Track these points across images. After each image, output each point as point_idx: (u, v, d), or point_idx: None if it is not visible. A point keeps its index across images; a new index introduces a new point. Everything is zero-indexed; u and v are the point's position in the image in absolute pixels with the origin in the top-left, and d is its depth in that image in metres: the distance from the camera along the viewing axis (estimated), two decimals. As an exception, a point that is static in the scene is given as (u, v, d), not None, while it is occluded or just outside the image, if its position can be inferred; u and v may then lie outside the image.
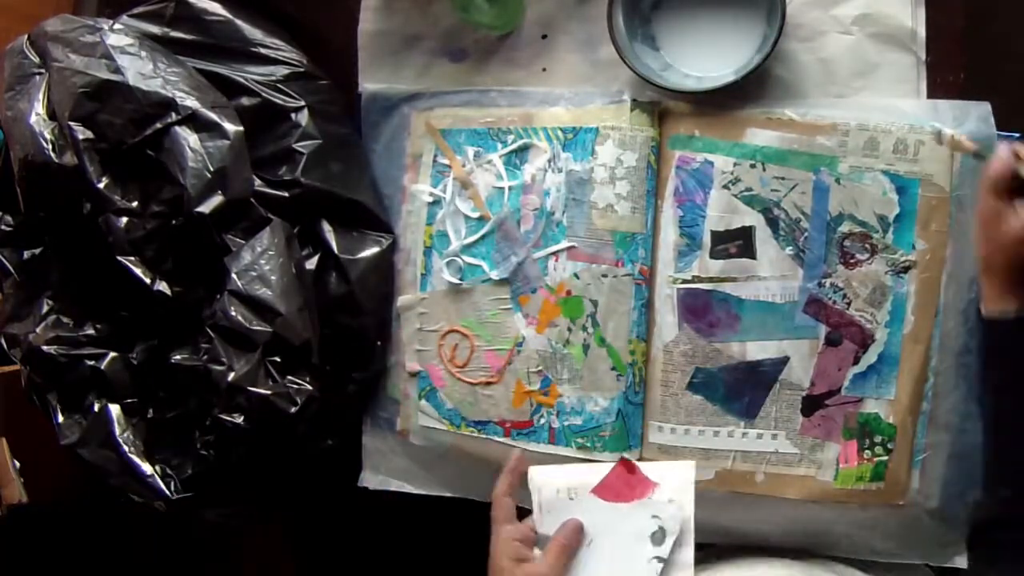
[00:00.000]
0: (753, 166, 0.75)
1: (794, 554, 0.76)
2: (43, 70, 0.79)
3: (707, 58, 0.78)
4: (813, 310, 0.75)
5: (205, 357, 0.76)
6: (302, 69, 0.82)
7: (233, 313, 0.75)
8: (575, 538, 0.66)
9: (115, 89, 0.75)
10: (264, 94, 0.80)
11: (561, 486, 0.69)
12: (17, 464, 0.98)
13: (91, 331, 0.84)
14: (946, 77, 0.74)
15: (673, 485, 0.67)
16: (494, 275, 0.81)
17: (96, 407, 0.83)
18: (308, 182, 0.79)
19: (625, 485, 0.68)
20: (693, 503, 0.66)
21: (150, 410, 0.84)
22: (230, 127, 0.76)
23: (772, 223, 0.75)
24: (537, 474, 0.70)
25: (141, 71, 0.76)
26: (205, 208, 0.74)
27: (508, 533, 0.65)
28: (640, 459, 0.79)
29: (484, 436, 0.82)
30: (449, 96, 0.85)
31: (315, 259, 0.82)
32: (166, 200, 0.76)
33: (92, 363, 0.83)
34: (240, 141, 0.76)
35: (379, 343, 0.85)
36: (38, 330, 0.83)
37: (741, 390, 0.76)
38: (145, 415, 0.84)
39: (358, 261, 0.82)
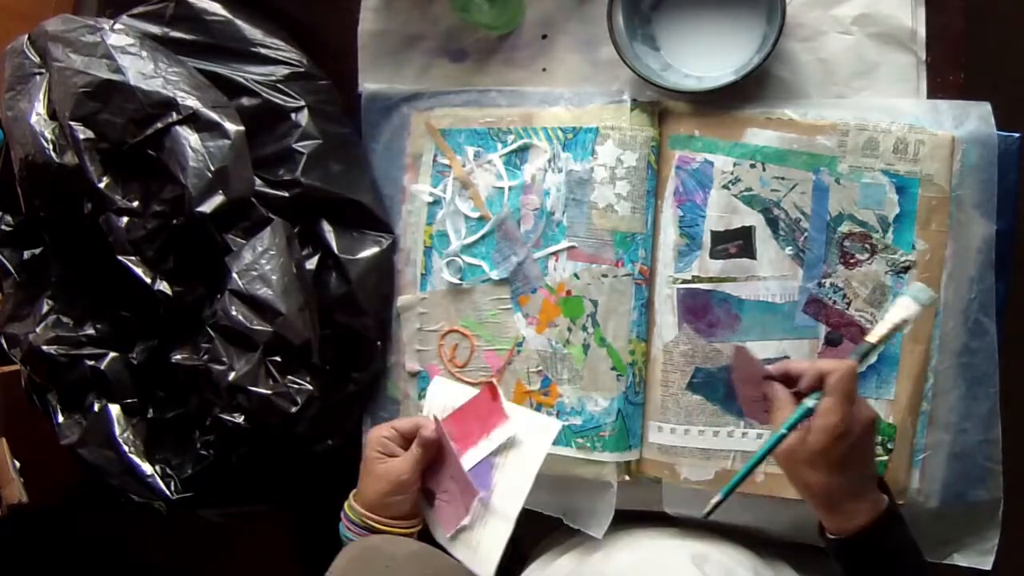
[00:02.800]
0: (753, 166, 0.75)
1: (704, 531, 0.76)
2: (44, 70, 0.79)
3: (707, 58, 0.78)
4: (813, 310, 0.75)
5: (206, 357, 0.76)
6: (302, 69, 0.82)
7: (234, 313, 0.75)
8: (432, 440, 0.69)
9: (116, 89, 0.75)
10: (264, 94, 0.80)
11: (447, 403, 0.74)
12: (17, 464, 0.98)
13: (91, 331, 0.84)
14: (946, 77, 0.74)
15: (527, 432, 0.70)
16: (494, 275, 0.81)
17: (96, 407, 0.83)
18: (308, 182, 0.79)
19: (485, 411, 0.72)
20: (540, 462, 0.69)
21: (150, 410, 0.84)
22: (231, 127, 0.76)
23: (772, 223, 0.75)
24: (434, 384, 0.77)
25: (142, 71, 0.76)
26: (206, 208, 0.74)
27: (379, 431, 0.70)
28: (640, 459, 0.79)
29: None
30: (449, 96, 0.85)
31: (315, 259, 0.82)
32: (167, 200, 0.76)
33: (92, 363, 0.83)
34: (241, 141, 0.76)
35: (379, 343, 0.85)
36: (38, 330, 0.83)
37: (741, 390, 0.76)
38: (145, 415, 0.84)
39: (358, 261, 0.82)
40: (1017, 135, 0.73)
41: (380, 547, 0.62)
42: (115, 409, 0.82)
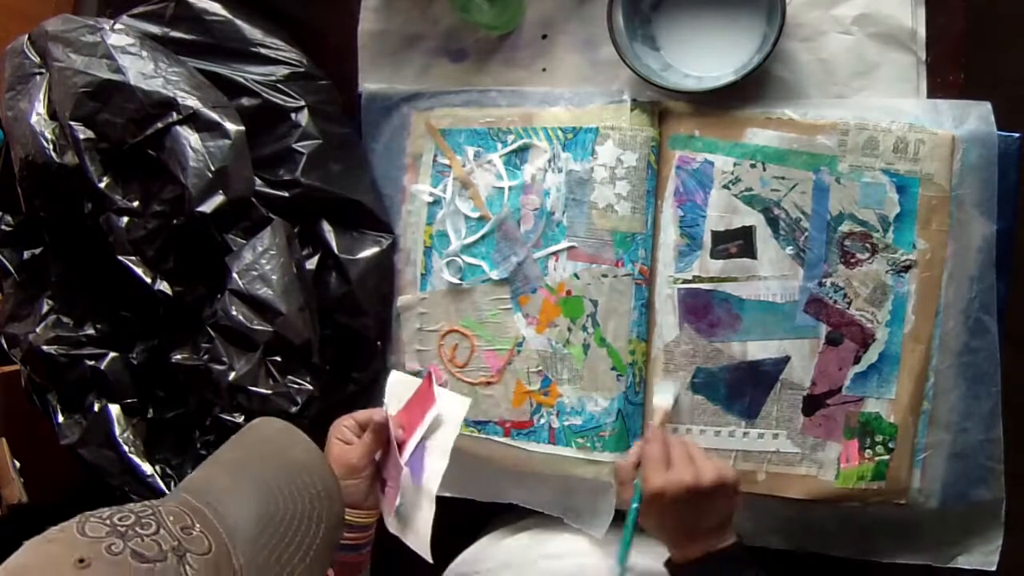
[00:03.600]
0: (753, 166, 0.75)
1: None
2: (44, 70, 0.79)
3: (707, 58, 0.78)
4: (814, 310, 0.75)
5: (206, 356, 0.76)
6: (302, 69, 0.82)
7: (234, 312, 0.75)
8: (381, 426, 0.71)
9: (116, 89, 0.75)
10: (264, 94, 0.80)
11: (404, 395, 0.76)
12: (17, 464, 0.98)
13: (91, 331, 0.84)
14: (946, 77, 0.74)
15: (447, 411, 0.73)
16: (494, 275, 0.81)
17: (96, 407, 0.83)
18: (308, 182, 0.79)
19: (423, 395, 0.74)
20: (452, 440, 0.71)
21: (150, 410, 0.84)
22: (231, 127, 0.76)
23: (772, 223, 0.75)
24: (391, 378, 0.78)
25: (142, 71, 0.76)
26: (206, 208, 0.74)
27: (339, 421, 0.72)
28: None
29: (484, 436, 0.82)
30: (449, 96, 0.85)
31: (315, 259, 0.82)
32: (167, 200, 0.76)
33: (92, 363, 0.83)
34: (241, 141, 0.76)
35: (379, 343, 0.85)
36: (38, 330, 0.83)
37: (742, 390, 0.76)
38: (145, 415, 0.84)
39: (358, 261, 0.82)
40: (1017, 135, 0.73)
41: (257, 424, 0.63)
42: (115, 409, 0.82)
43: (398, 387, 0.77)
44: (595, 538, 0.78)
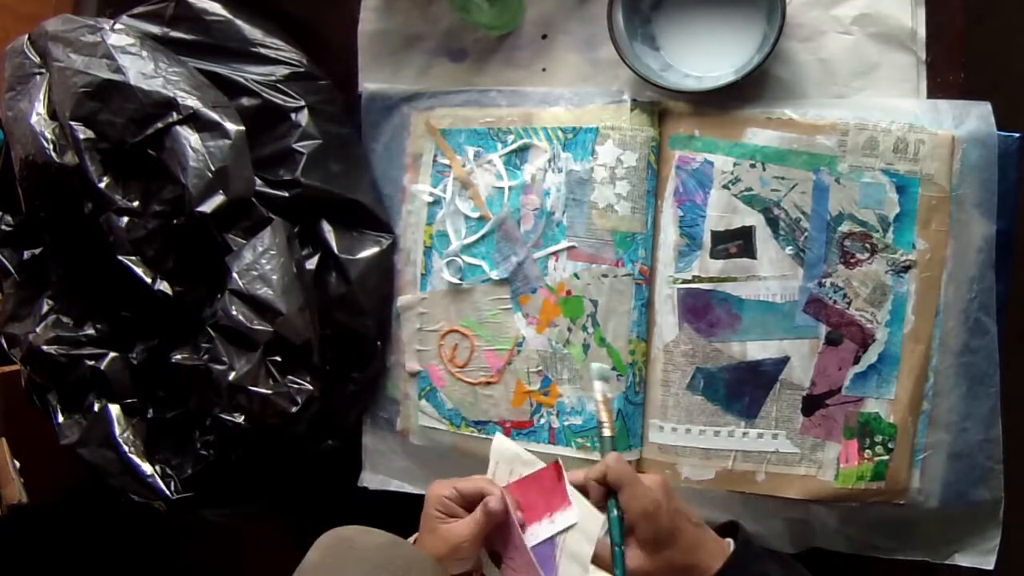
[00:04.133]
0: (753, 166, 0.75)
1: None
2: (44, 70, 0.79)
3: (707, 58, 0.78)
4: (813, 310, 0.75)
5: (206, 356, 0.76)
6: (302, 69, 0.82)
7: (234, 312, 0.75)
8: (498, 512, 0.65)
9: (116, 89, 0.75)
10: (264, 94, 0.80)
11: (510, 465, 0.71)
12: (17, 464, 0.98)
13: (91, 331, 0.84)
14: (946, 77, 0.74)
15: (583, 519, 0.66)
16: (494, 275, 0.81)
17: (96, 407, 0.83)
18: (308, 182, 0.79)
19: (549, 488, 0.68)
20: (590, 554, 0.65)
21: (150, 410, 0.84)
22: (231, 126, 0.76)
23: (772, 223, 0.75)
24: (496, 442, 0.73)
25: (142, 71, 0.76)
26: (206, 207, 0.74)
27: (440, 488, 0.66)
28: (640, 459, 0.79)
29: (484, 436, 0.82)
30: (449, 96, 0.85)
31: (315, 259, 0.82)
32: (167, 200, 0.76)
33: (92, 363, 0.83)
34: (241, 140, 0.76)
35: (379, 343, 0.85)
36: (38, 330, 0.83)
37: (741, 390, 0.76)
38: (145, 415, 0.84)
39: (358, 261, 0.82)
40: (1017, 135, 0.73)
41: (351, 537, 0.61)
42: (115, 409, 0.82)
43: (504, 453, 0.72)
44: None
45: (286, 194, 0.79)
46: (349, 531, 0.62)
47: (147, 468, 0.81)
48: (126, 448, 0.81)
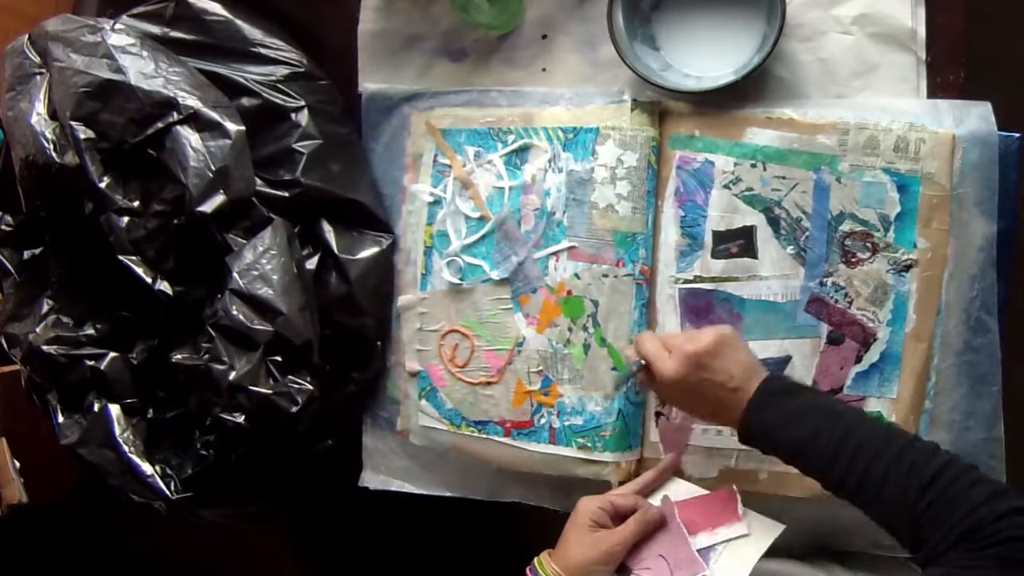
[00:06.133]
0: (754, 166, 0.75)
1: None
2: (44, 70, 0.79)
3: (707, 58, 0.78)
4: (815, 309, 0.75)
5: (206, 356, 0.76)
6: (302, 69, 0.82)
7: (235, 312, 0.75)
8: (655, 522, 0.70)
9: (116, 89, 0.75)
10: (264, 94, 0.80)
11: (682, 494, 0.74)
12: (17, 464, 0.98)
13: (91, 331, 0.84)
14: (946, 77, 0.75)
15: (755, 531, 0.70)
16: (494, 275, 0.81)
17: (96, 407, 0.83)
18: (308, 182, 0.79)
19: (717, 508, 0.71)
20: (758, 557, 0.68)
21: (150, 410, 0.84)
22: (232, 126, 0.76)
23: (773, 222, 0.75)
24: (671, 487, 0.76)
25: (142, 71, 0.76)
26: (207, 207, 0.74)
27: (594, 502, 0.71)
28: (641, 459, 0.79)
29: (484, 436, 0.82)
30: (449, 96, 0.85)
31: (315, 259, 0.82)
32: (168, 199, 0.76)
33: (92, 363, 0.83)
34: (242, 140, 0.76)
35: (379, 343, 0.85)
36: (38, 330, 0.83)
37: (742, 389, 0.76)
38: (145, 415, 0.84)
39: (358, 261, 0.82)
40: (1017, 135, 0.73)
41: None
42: (115, 409, 0.82)
43: (680, 489, 0.75)
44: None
45: (286, 194, 0.79)
46: None
47: (147, 468, 0.81)
48: (126, 448, 0.81)
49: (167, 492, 0.80)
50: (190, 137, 0.75)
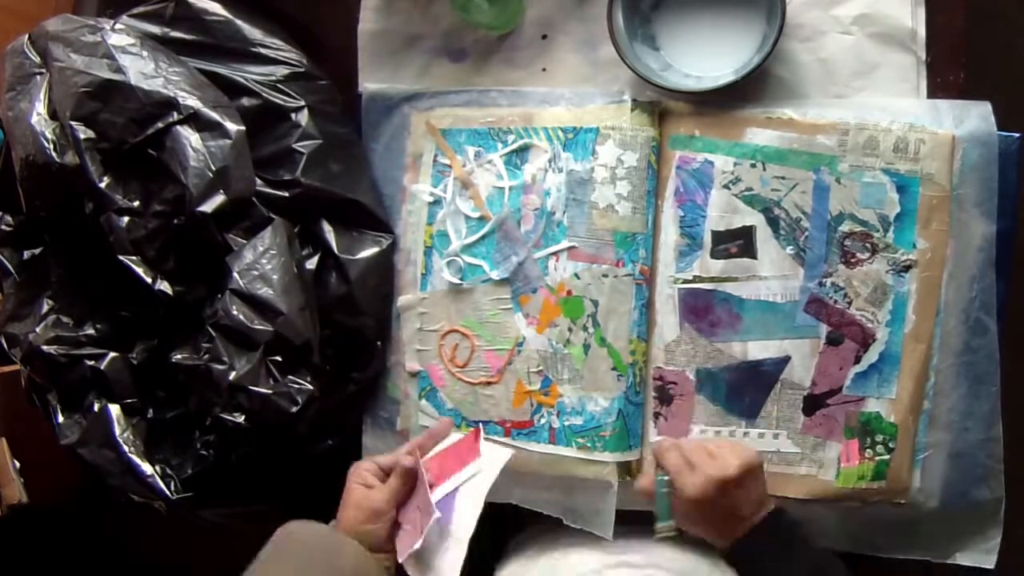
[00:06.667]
0: (753, 166, 0.75)
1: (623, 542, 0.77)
2: (44, 70, 0.79)
3: (707, 58, 0.78)
4: (814, 309, 0.75)
5: (206, 356, 0.76)
6: (302, 69, 0.82)
7: (235, 312, 0.75)
8: (409, 471, 0.71)
9: (116, 89, 0.75)
10: (264, 94, 0.80)
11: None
12: (17, 464, 0.98)
13: (91, 331, 0.84)
14: (946, 77, 0.75)
15: (488, 462, 0.73)
16: (494, 275, 0.81)
17: (96, 407, 0.83)
18: (308, 182, 0.79)
19: (465, 451, 0.74)
20: (488, 485, 0.71)
21: (150, 410, 0.84)
22: (232, 126, 0.76)
23: (773, 223, 0.75)
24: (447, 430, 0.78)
25: (143, 71, 0.76)
26: (207, 207, 0.74)
27: (360, 465, 0.73)
28: (641, 459, 0.79)
29: (484, 436, 0.82)
30: (449, 96, 0.85)
31: (315, 259, 0.82)
32: (168, 199, 0.76)
33: (92, 363, 0.83)
34: (242, 140, 0.76)
35: (379, 343, 0.85)
36: (38, 330, 0.83)
37: (742, 390, 0.76)
38: (145, 415, 0.83)
39: (358, 261, 0.82)
40: (1017, 135, 0.73)
41: (294, 530, 0.67)
42: (115, 409, 0.82)
43: (448, 442, 0.77)
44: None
45: (286, 194, 0.79)
46: (292, 524, 0.68)
47: (147, 468, 0.81)
48: (126, 448, 0.81)
49: (167, 492, 0.80)
50: (190, 137, 0.75)
